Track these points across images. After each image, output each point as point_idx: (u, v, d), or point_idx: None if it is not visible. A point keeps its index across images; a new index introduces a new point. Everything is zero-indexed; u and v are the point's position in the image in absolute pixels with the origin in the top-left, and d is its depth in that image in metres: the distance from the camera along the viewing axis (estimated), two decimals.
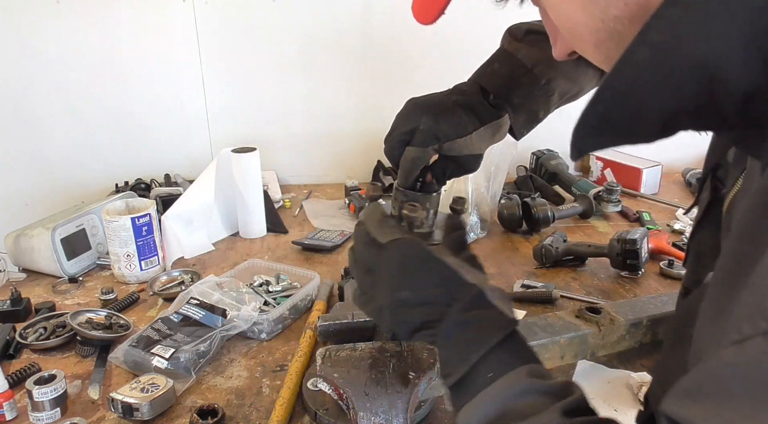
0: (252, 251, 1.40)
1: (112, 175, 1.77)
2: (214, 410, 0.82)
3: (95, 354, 0.99)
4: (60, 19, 1.67)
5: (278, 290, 1.15)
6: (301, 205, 1.70)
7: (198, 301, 1.04)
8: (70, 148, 1.80)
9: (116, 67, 1.75)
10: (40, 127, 1.77)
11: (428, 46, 1.77)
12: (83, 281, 1.26)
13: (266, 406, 0.85)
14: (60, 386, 0.84)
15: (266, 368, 0.95)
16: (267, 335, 1.03)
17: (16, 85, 1.72)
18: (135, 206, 1.30)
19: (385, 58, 1.81)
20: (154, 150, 1.84)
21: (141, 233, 1.22)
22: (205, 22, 1.73)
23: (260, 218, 1.48)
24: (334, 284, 1.19)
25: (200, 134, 1.85)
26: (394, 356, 0.78)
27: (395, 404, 0.72)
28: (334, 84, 1.83)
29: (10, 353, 0.99)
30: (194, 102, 1.81)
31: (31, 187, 1.82)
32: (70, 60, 1.72)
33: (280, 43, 1.78)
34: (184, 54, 1.76)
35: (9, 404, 0.84)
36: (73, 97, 1.75)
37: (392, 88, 1.83)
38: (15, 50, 1.69)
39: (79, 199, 1.71)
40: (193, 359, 0.93)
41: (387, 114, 1.99)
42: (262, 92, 1.83)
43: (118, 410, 0.82)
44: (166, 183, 1.72)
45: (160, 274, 1.25)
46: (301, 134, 1.88)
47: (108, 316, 1.07)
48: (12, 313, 1.09)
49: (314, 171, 1.92)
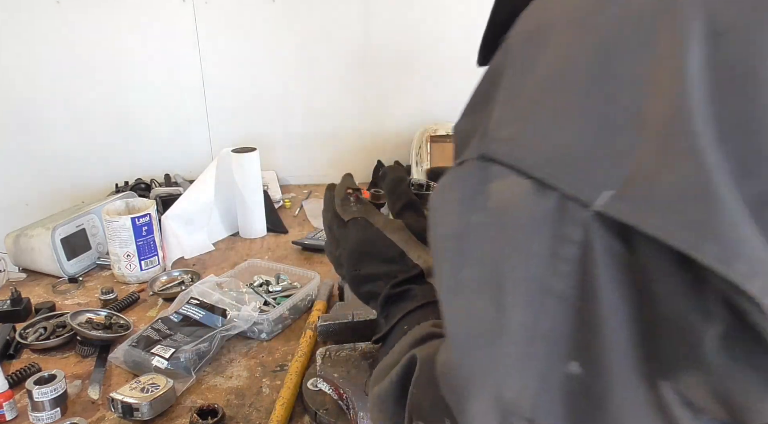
0: (252, 251, 1.40)
1: (112, 175, 1.77)
2: (214, 410, 0.82)
3: (95, 354, 0.99)
4: (60, 19, 1.67)
5: (278, 290, 1.15)
6: (301, 205, 1.70)
7: (198, 301, 1.04)
8: (70, 148, 1.80)
9: (116, 67, 1.75)
10: (40, 127, 1.77)
11: (428, 46, 1.77)
12: (83, 281, 1.26)
13: (266, 406, 0.85)
14: (60, 386, 0.84)
15: (266, 368, 0.95)
16: (267, 335, 1.03)
17: (16, 85, 1.72)
18: (135, 206, 1.30)
19: (385, 58, 1.81)
20: (154, 150, 1.84)
21: (141, 233, 1.22)
22: (205, 22, 1.73)
23: (260, 218, 1.48)
24: (334, 284, 1.19)
25: (200, 134, 1.85)
26: None
27: None
28: (334, 84, 1.83)
29: (10, 353, 0.99)
30: (194, 102, 1.81)
31: (31, 187, 1.81)
32: (70, 60, 1.72)
33: (280, 43, 1.78)
34: (184, 54, 1.76)
35: (9, 404, 0.84)
36: (73, 97, 1.75)
37: (392, 88, 1.83)
38: (15, 50, 1.69)
39: (79, 200, 1.71)
40: (193, 359, 0.93)
41: (387, 114, 1.99)
42: (261, 92, 1.83)
43: (118, 410, 0.82)
44: (166, 183, 1.72)
45: (160, 274, 1.25)
46: (301, 134, 1.88)
47: (108, 316, 1.07)
48: (12, 313, 1.09)
49: (314, 171, 1.92)
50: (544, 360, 0.36)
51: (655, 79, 0.33)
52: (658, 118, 0.33)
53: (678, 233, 0.31)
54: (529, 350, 0.36)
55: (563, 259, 0.34)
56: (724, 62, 0.32)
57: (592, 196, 0.33)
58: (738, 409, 0.32)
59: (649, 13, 0.34)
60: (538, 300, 0.35)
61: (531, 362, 0.36)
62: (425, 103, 1.80)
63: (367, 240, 0.70)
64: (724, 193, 0.30)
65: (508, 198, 0.37)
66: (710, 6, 0.33)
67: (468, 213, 0.39)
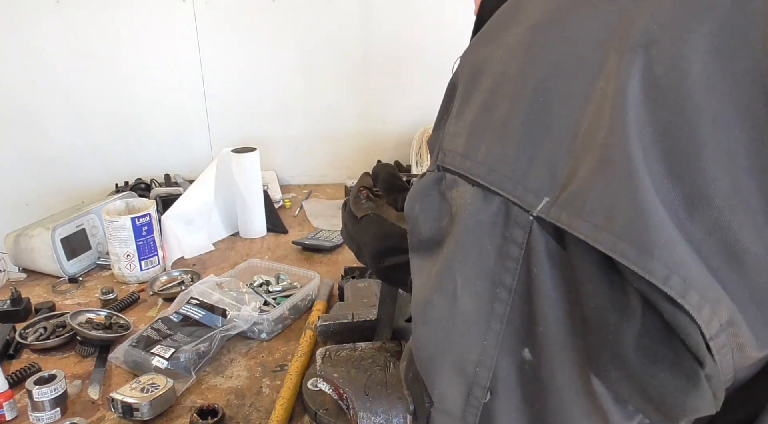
0: (252, 251, 1.40)
1: (112, 175, 1.77)
2: (214, 410, 0.82)
3: (95, 354, 0.99)
4: (60, 19, 1.67)
5: (278, 290, 1.15)
6: (301, 205, 1.70)
7: (198, 301, 1.04)
8: (70, 148, 1.80)
9: (116, 67, 1.75)
10: (41, 127, 1.77)
11: (428, 46, 1.77)
12: (83, 281, 1.25)
13: (266, 406, 0.85)
14: (60, 386, 0.84)
15: (266, 368, 0.95)
16: (267, 335, 1.03)
17: (17, 85, 1.72)
18: (135, 206, 1.30)
19: (385, 57, 1.81)
20: (154, 150, 1.84)
21: (141, 233, 1.22)
22: (205, 22, 1.73)
23: (260, 218, 1.48)
24: (334, 284, 1.19)
25: (200, 134, 1.85)
26: (394, 356, 0.78)
27: (395, 404, 0.72)
28: (334, 84, 1.83)
29: (10, 353, 0.99)
30: (194, 102, 1.81)
31: (31, 187, 1.81)
32: (70, 60, 1.72)
33: (280, 43, 1.78)
34: (184, 54, 1.76)
35: (9, 404, 0.84)
36: (73, 97, 1.75)
37: (392, 88, 1.83)
38: (15, 50, 1.69)
39: (79, 200, 1.71)
40: (193, 359, 0.93)
41: (387, 114, 1.98)
42: (261, 92, 1.83)
43: (118, 410, 0.82)
44: (166, 183, 1.72)
45: (160, 274, 1.25)
46: (301, 134, 1.88)
47: (108, 316, 1.07)
48: (12, 313, 1.09)
49: (314, 171, 1.92)
50: (503, 340, 0.40)
51: (595, 95, 0.36)
52: (593, 129, 0.35)
53: (602, 236, 0.34)
54: (486, 329, 0.40)
55: (509, 257, 0.39)
56: (652, 72, 0.34)
57: (534, 203, 0.37)
58: (659, 404, 0.34)
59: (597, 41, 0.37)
60: (490, 290, 0.40)
61: (489, 341, 0.40)
62: (425, 103, 1.80)
63: (384, 235, 0.72)
64: (650, 200, 0.33)
65: (460, 204, 0.41)
66: (647, 19, 0.35)
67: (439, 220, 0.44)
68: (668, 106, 0.33)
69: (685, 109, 0.33)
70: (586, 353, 0.36)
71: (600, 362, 0.35)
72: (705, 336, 0.33)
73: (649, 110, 0.34)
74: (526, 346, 0.39)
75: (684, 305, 0.32)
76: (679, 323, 0.33)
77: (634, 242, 0.32)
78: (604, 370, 0.35)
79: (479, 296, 0.41)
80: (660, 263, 0.32)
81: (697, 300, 0.32)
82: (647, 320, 0.33)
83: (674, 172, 0.33)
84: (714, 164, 0.32)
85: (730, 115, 0.32)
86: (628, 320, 0.34)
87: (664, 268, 0.32)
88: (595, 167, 0.35)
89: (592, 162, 0.35)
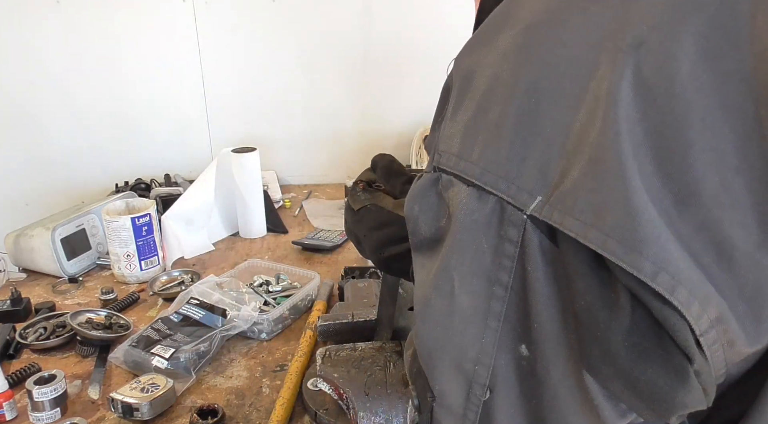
0: (252, 251, 1.40)
1: (112, 175, 1.77)
2: (214, 410, 0.82)
3: (95, 354, 0.99)
4: (60, 19, 1.67)
5: (278, 290, 1.15)
6: (301, 205, 1.70)
7: (198, 301, 1.04)
8: (70, 148, 1.80)
9: (116, 67, 1.75)
10: (41, 127, 1.77)
11: (428, 46, 1.77)
12: (83, 281, 1.26)
13: (266, 406, 0.85)
14: (60, 386, 0.84)
15: (266, 368, 0.95)
16: (267, 335, 1.03)
17: (17, 85, 1.72)
18: (135, 206, 1.30)
19: (385, 57, 1.81)
20: (154, 150, 1.84)
21: (141, 233, 1.22)
22: (205, 22, 1.73)
23: (260, 218, 1.48)
24: (334, 284, 1.19)
25: (200, 134, 1.85)
26: (394, 356, 0.78)
27: (395, 404, 0.72)
28: (334, 84, 1.83)
29: (10, 353, 0.99)
30: (194, 102, 1.81)
31: (31, 187, 1.81)
32: (70, 60, 1.72)
33: (280, 43, 1.78)
34: (184, 54, 1.76)
35: (9, 404, 0.84)
36: (73, 97, 1.75)
37: (392, 87, 1.83)
38: (15, 50, 1.69)
39: (79, 200, 1.71)
40: (193, 359, 0.93)
41: (387, 114, 1.98)
42: (262, 92, 1.83)
43: (118, 410, 0.82)
44: (166, 183, 1.72)
45: (160, 274, 1.25)
46: (301, 134, 1.88)
47: (108, 316, 1.07)
48: (12, 313, 1.09)
49: (314, 171, 1.92)
50: (500, 337, 0.41)
51: (587, 96, 0.36)
52: (584, 129, 0.36)
53: (591, 233, 0.34)
54: (483, 327, 0.41)
55: (505, 255, 0.39)
56: (641, 72, 0.34)
57: (527, 202, 0.38)
58: (649, 400, 0.34)
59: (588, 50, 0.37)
60: (487, 288, 0.40)
61: (488, 339, 0.41)
62: (425, 104, 1.80)
63: (382, 223, 0.73)
64: (640, 198, 0.33)
65: (456, 204, 0.42)
66: (637, 20, 0.35)
67: (437, 220, 0.45)
68: (658, 105, 0.34)
69: (674, 109, 0.33)
70: (579, 350, 0.37)
71: (591, 359, 0.36)
72: (695, 332, 0.33)
73: (639, 110, 0.34)
74: (523, 342, 0.40)
75: (672, 301, 0.32)
76: (668, 319, 0.33)
77: (622, 239, 0.33)
78: (595, 366, 0.36)
79: (476, 294, 0.41)
80: (648, 259, 0.32)
81: (686, 296, 0.32)
82: (637, 317, 0.34)
83: (664, 171, 0.33)
84: (703, 163, 0.33)
85: (718, 115, 0.33)
86: (618, 317, 0.34)
87: (653, 265, 0.32)
88: (586, 166, 0.35)
89: (583, 161, 0.35)
